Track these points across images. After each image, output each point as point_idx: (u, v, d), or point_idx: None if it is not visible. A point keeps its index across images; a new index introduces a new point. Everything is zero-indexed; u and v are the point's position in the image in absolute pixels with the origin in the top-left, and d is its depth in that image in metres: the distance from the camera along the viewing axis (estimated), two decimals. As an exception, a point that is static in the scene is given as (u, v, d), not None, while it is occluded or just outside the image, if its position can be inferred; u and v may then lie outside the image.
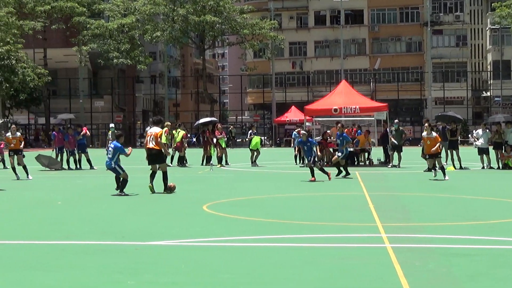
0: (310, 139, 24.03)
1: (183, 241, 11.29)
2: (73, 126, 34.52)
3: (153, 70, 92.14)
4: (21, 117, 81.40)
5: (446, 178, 23.27)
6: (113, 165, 19.29)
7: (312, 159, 23.60)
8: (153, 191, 19.06)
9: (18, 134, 26.83)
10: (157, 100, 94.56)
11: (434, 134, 24.12)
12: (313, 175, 23.37)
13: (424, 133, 24.54)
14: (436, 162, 24.04)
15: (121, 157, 19.71)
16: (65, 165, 31.62)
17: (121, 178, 19.29)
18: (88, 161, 31.52)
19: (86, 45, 74.59)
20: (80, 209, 15.98)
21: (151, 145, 19.58)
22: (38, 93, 75.22)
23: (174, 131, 33.59)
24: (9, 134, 26.74)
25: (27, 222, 13.86)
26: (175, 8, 72.69)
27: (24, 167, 25.48)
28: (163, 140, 32.59)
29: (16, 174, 25.09)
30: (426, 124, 24.67)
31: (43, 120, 79.27)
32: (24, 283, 8.42)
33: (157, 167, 19.64)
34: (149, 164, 19.83)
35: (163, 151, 19.86)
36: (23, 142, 27.07)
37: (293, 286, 8.27)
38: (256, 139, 33.65)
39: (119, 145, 19.48)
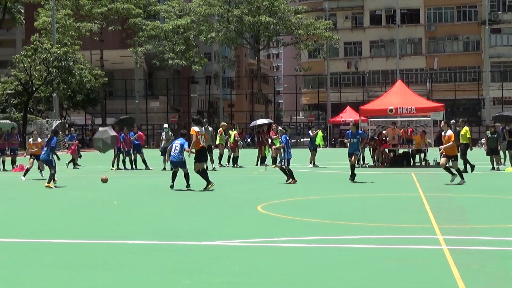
0: (283, 135, 23.63)
1: (237, 242, 11.29)
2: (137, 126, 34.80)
3: (208, 71, 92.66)
4: (78, 117, 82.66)
5: (463, 181, 21.89)
6: (183, 159, 20.45)
7: (283, 160, 23.15)
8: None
9: (39, 140, 27.12)
10: (212, 101, 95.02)
11: (449, 132, 22.57)
12: (292, 178, 22.99)
13: (443, 132, 23.49)
14: (452, 164, 22.36)
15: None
16: (121, 166, 31.90)
17: (184, 173, 20.53)
18: (144, 161, 31.77)
19: (142, 46, 75.50)
20: (135, 209, 16.11)
21: (204, 143, 20.62)
22: (95, 94, 76.24)
23: (230, 131, 34.08)
24: (30, 140, 27.08)
25: (84, 222, 14.02)
26: (230, 9, 73.02)
27: (41, 172, 26.17)
28: (218, 140, 33.09)
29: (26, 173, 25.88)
30: (443, 123, 23.63)
31: (99, 120, 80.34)
32: (81, 281, 8.49)
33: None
34: (200, 162, 20.60)
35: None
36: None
37: (347, 287, 8.20)
38: (320, 133, 33.56)
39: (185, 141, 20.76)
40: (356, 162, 23.87)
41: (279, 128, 26.34)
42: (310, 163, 32.99)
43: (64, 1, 73.99)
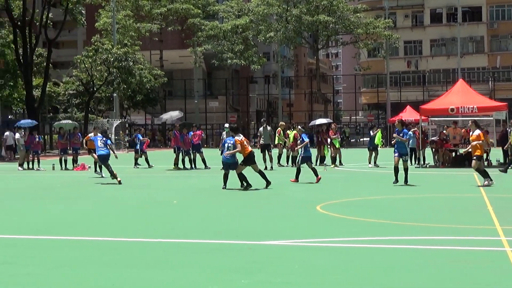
0: (302, 135, 23.61)
1: (296, 241, 11.26)
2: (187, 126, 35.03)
3: (267, 71, 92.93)
4: (138, 117, 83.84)
5: (485, 183, 21.23)
6: (236, 160, 20.72)
7: (299, 158, 23.41)
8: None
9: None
10: (270, 100, 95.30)
11: (477, 131, 21.59)
12: (296, 177, 23.32)
13: (471, 132, 22.61)
14: (478, 166, 21.30)
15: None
16: (180, 165, 32.12)
17: (238, 173, 20.62)
18: (203, 160, 31.90)
19: (201, 46, 76.12)
20: (195, 208, 16.27)
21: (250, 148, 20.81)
22: (154, 94, 77.24)
23: (288, 131, 33.94)
24: (91, 134, 27.48)
25: (145, 221, 14.21)
26: (288, 8, 73.18)
27: (100, 166, 26.42)
28: (276, 140, 33.01)
29: (99, 171, 26.62)
30: (470, 122, 22.77)
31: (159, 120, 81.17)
32: (142, 280, 8.59)
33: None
34: (245, 164, 20.81)
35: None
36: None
37: (406, 289, 8.13)
38: (379, 134, 33.31)
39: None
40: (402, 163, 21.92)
41: (299, 127, 26.13)
42: (369, 162, 32.76)
43: (124, 2, 75.12)
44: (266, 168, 29.51)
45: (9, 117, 65.29)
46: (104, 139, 23.76)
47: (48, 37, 59.62)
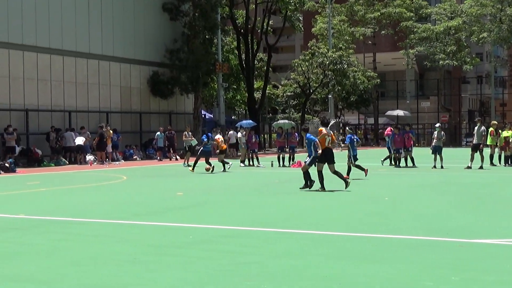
0: (347, 136, 24.30)
1: (509, 240, 10.94)
2: (400, 126, 36.38)
3: (480, 71, 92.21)
4: (351, 117, 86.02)
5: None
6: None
7: (350, 157, 24.22)
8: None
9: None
10: (483, 100, 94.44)
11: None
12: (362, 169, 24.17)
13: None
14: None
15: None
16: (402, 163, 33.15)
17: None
18: (411, 158, 32.55)
19: (413, 48, 77.03)
20: (407, 205, 16.20)
21: (331, 145, 20.16)
22: (368, 95, 78.97)
23: (500, 131, 33.96)
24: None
25: (357, 216, 14.39)
26: (502, 8, 72.41)
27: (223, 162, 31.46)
28: (489, 141, 32.83)
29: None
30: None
31: (371, 120, 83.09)
32: (355, 272, 8.69)
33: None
34: (321, 162, 19.94)
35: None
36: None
37: None
38: None
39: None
40: None
41: (347, 128, 26.75)
42: None
43: (339, 8, 77.68)
44: (470, 167, 29.95)
45: (232, 117, 69.28)
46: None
47: (268, 42, 63.39)
